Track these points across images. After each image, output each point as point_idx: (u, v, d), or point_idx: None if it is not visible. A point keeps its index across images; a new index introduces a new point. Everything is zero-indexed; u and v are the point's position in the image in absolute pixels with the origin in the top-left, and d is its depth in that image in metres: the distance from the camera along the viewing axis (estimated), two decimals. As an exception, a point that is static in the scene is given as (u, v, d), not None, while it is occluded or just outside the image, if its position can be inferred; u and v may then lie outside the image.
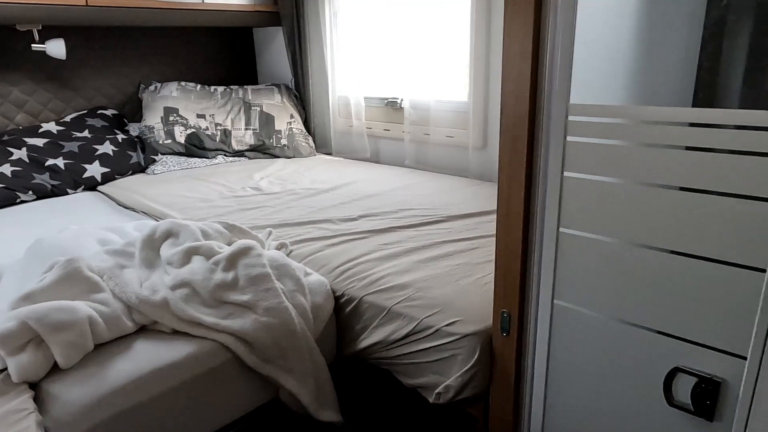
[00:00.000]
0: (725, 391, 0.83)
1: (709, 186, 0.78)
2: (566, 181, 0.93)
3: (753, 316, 0.77)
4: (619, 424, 0.97)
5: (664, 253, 0.85)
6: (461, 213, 1.75)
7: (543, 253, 0.99)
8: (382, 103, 2.62)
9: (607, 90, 1.20)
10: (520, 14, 0.88)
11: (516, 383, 1.09)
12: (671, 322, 0.86)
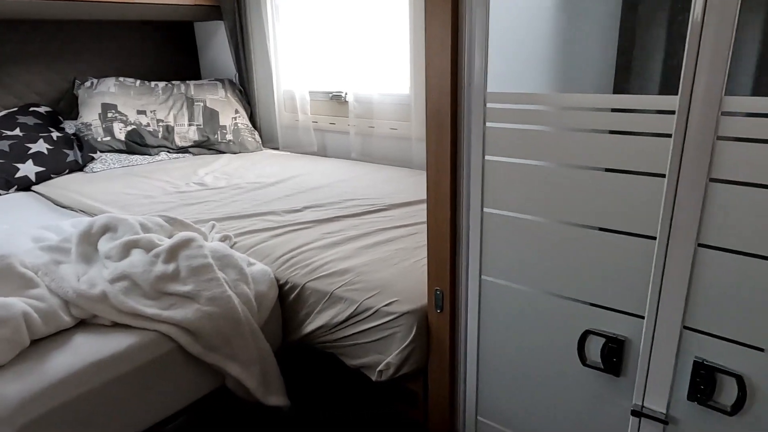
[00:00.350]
0: (629, 349, 0.92)
1: (613, 165, 0.87)
2: (488, 164, 1.00)
3: (648, 280, 0.87)
4: (543, 385, 1.05)
5: (576, 227, 0.93)
6: (402, 201, 1.81)
7: (470, 232, 1.06)
8: (327, 96, 2.65)
9: (530, 79, 1.29)
10: (439, 9, 0.94)
11: (451, 356, 1.16)
12: (583, 290, 0.95)
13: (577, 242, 0.93)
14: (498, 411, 1.14)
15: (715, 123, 0.75)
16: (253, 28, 2.78)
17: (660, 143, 0.81)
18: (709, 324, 0.83)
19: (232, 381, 1.23)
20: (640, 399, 0.93)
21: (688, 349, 0.86)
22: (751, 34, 1.04)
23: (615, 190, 0.87)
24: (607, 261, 0.91)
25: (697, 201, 0.79)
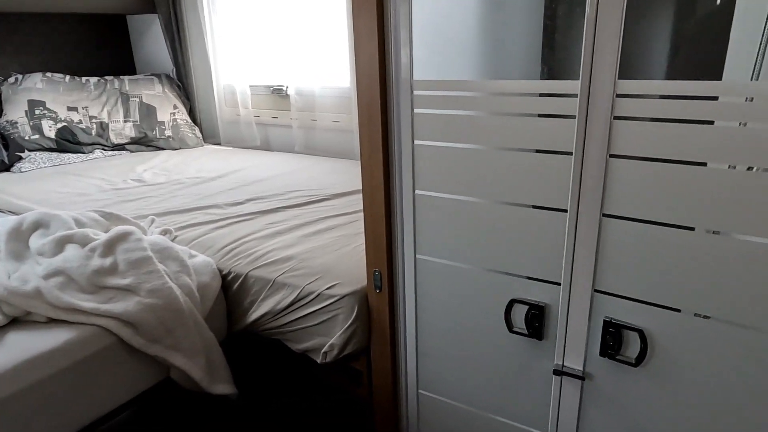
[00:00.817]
0: (549, 314, 1.01)
1: (530, 146, 0.94)
2: (417, 148, 1.06)
3: (562, 250, 0.96)
4: (475, 354, 1.13)
5: (500, 205, 1.01)
6: (344, 191, 1.86)
7: (404, 214, 1.11)
8: (269, 90, 2.65)
9: (458, 67, 1.35)
10: (365, 2, 0.98)
11: (391, 333, 1.22)
12: (508, 263, 1.03)
13: (501, 219, 1.01)
14: (437, 382, 1.21)
15: (611, 104, 0.83)
16: (190, 21, 2.73)
17: (567, 124, 0.89)
18: (615, 286, 0.92)
19: (176, 372, 1.23)
20: (561, 359, 1.02)
21: (599, 309, 0.95)
22: (639, 24, 1.15)
23: (532, 169, 0.95)
24: (527, 235, 0.99)
25: (599, 175, 0.87)
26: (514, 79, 0.94)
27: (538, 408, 1.08)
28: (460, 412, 1.20)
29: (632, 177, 0.85)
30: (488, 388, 1.14)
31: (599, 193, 0.88)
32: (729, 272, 0.81)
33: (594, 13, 0.81)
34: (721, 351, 0.85)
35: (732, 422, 0.87)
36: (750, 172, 0.78)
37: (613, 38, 0.80)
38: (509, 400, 1.12)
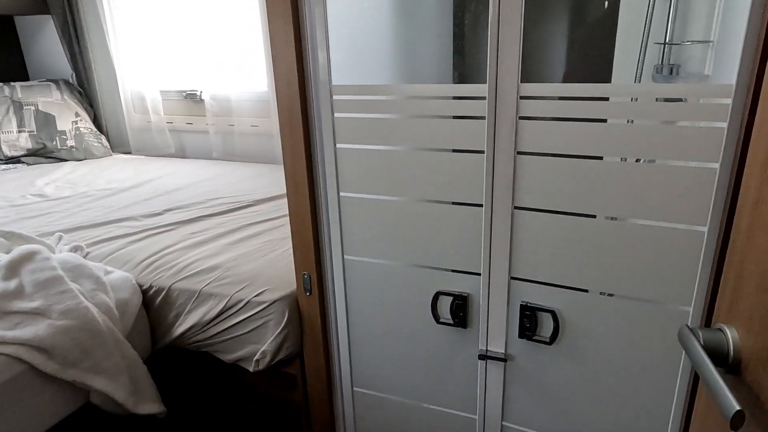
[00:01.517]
0: (471, 303, 1.08)
1: (448, 146, 1.00)
2: (340, 151, 1.08)
3: (480, 242, 1.02)
4: (406, 347, 1.17)
5: (422, 203, 1.05)
6: (269, 196, 1.84)
7: (329, 216, 1.13)
8: (181, 96, 2.55)
9: (376, 72, 1.40)
10: (279, 8, 0.99)
11: (324, 335, 1.24)
12: (432, 257, 1.08)
13: (423, 216, 1.06)
14: (371, 378, 1.24)
15: (515, 106, 0.91)
16: (89, 23, 2.57)
17: (478, 124, 0.95)
18: (528, 272, 1.00)
19: (97, 395, 1.17)
20: (485, 344, 1.09)
21: (516, 295, 1.03)
22: (539, 33, 1.25)
23: (449, 168, 1.01)
24: (448, 230, 1.05)
25: (509, 172, 0.95)
26: (429, 83, 0.99)
27: (467, 392, 1.15)
28: (395, 405, 1.24)
29: (538, 172, 0.93)
30: (420, 378, 1.19)
31: (509, 187, 0.96)
32: (628, 253, 0.91)
33: (496, 22, 0.87)
34: (624, 324, 0.95)
35: (635, 386, 0.98)
36: (638, 163, 0.88)
37: (514, 45, 0.87)
38: (440, 387, 1.17)
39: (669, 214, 0.85)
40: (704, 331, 0.69)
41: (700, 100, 0.79)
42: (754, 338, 0.63)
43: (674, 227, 0.86)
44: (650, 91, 0.83)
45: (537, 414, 1.08)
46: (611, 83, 0.98)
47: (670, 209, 0.85)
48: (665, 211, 0.86)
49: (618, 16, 1.56)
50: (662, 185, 0.85)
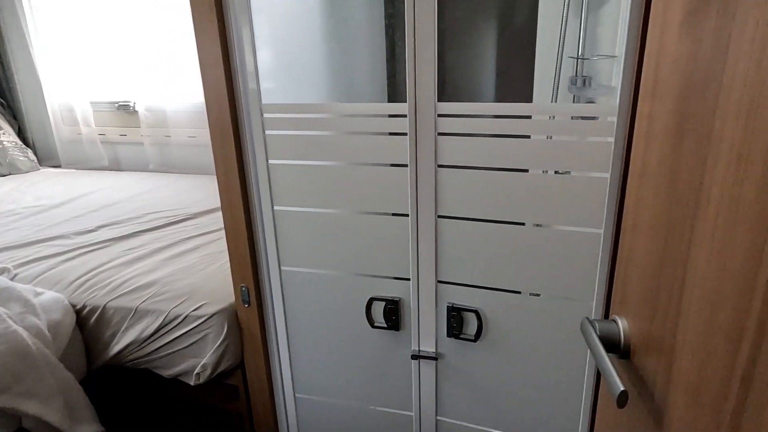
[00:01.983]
0: (403, 307, 1.14)
1: (378, 161, 1.05)
2: (273, 167, 1.12)
3: (408, 249, 1.09)
4: (343, 352, 1.22)
5: (355, 214, 1.11)
6: (207, 209, 1.84)
7: (265, 229, 1.17)
8: (114, 107, 2.48)
9: (310, 91, 1.44)
10: (207, 27, 1.02)
11: (264, 345, 1.26)
12: (365, 265, 1.14)
13: (356, 227, 1.11)
14: (312, 384, 1.28)
15: (434, 123, 0.98)
16: (9, 31, 2.45)
17: (403, 140, 1.02)
18: (452, 275, 1.07)
19: (30, 420, 1.14)
20: (417, 345, 1.15)
21: (443, 297, 1.10)
22: (464, 54, 1.34)
23: (380, 181, 1.06)
24: (380, 239, 1.11)
25: (431, 183, 1.02)
26: (365, 102, 1.04)
27: (403, 391, 1.21)
28: (336, 408, 1.28)
29: (458, 183, 1.01)
30: (359, 381, 1.24)
31: (432, 198, 1.03)
32: (552, 256, 0.99)
33: (412, 45, 0.94)
34: (539, 319, 1.04)
35: (551, 375, 1.07)
36: (558, 175, 0.97)
37: (430, 66, 0.94)
38: (378, 388, 1.23)
39: (576, 219, 0.95)
40: (600, 323, 0.78)
41: (607, 118, 0.89)
42: (639, 326, 0.72)
43: (581, 230, 0.95)
44: (563, 110, 0.92)
45: (467, 407, 1.16)
46: (532, 102, 1.06)
47: (578, 215, 0.94)
48: (573, 217, 0.95)
49: (535, 41, 1.68)
50: (572, 194, 0.94)
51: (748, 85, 0.47)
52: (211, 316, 1.23)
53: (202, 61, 1.05)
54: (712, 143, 0.53)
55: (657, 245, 0.66)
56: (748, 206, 0.46)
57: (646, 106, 0.72)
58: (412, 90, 0.97)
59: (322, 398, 1.29)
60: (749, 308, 0.46)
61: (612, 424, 0.83)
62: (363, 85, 1.80)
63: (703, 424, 0.54)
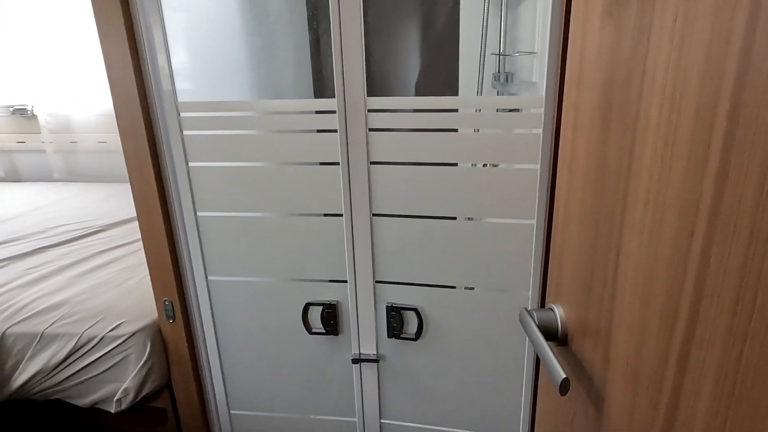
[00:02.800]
0: (341, 310, 1.10)
1: (308, 159, 1.01)
2: (193, 170, 1.04)
3: (344, 250, 1.05)
4: (280, 362, 1.16)
5: (285, 216, 1.05)
6: (123, 219, 1.70)
7: (188, 238, 1.08)
8: (8, 111, 2.24)
9: (231, 88, 1.36)
10: (111, 26, 0.92)
11: (193, 362, 1.18)
12: (299, 269, 1.09)
13: (289, 229, 1.06)
14: (248, 399, 1.21)
15: (364, 119, 0.95)
16: None
17: (333, 137, 0.98)
18: (390, 274, 1.05)
19: None
20: (357, 348, 1.12)
21: (382, 297, 1.07)
22: (390, 49, 1.32)
23: (311, 180, 1.02)
24: (314, 241, 1.06)
25: (364, 181, 0.99)
26: (290, 98, 0.99)
27: (345, 397, 1.17)
28: (275, 422, 1.22)
29: (392, 180, 0.99)
30: (298, 391, 1.19)
31: (366, 196, 1.00)
32: (478, 249, 0.99)
33: (338, 40, 0.90)
34: (479, 313, 1.04)
35: (492, 367, 1.08)
36: (487, 168, 0.97)
37: (358, 61, 0.91)
38: (318, 396, 1.18)
39: (510, 211, 0.95)
40: (538, 312, 0.79)
41: (531, 110, 0.90)
42: (576, 313, 0.73)
43: (513, 222, 0.96)
44: (490, 103, 0.92)
45: (411, 407, 1.14)
46: (459, 96, 1.06)
47: (510, 207, 0.95)
48: (507, 209, 0.95)
49: (459, 35, 1.70)
50: (503, 186, 0.94)
51: (670, 71, 0.48)
52: (131, 336, 1.12)
53: (108, 63, 0.95)
54: (638, 130, 0.54)
55: (589, 233, 0.67)
56: (676, 190, 0.47)
57: (571, 96, 0.74)
58: (341, 85, 0.93)
59: (260, 413, 1.22)
60: (681, 291, 0.47)
61: (553, 411, 0.84)
62: (288, 81, 1.73)
63: (641, 406, 0.55)
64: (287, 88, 1.70)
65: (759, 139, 0.37)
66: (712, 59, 0.42)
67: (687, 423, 0.46)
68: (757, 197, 0.37)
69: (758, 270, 0.37)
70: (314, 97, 1.22)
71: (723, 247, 0.41)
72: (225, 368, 1.19)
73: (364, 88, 0.93)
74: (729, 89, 0.40)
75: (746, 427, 0.39)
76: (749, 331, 0.38)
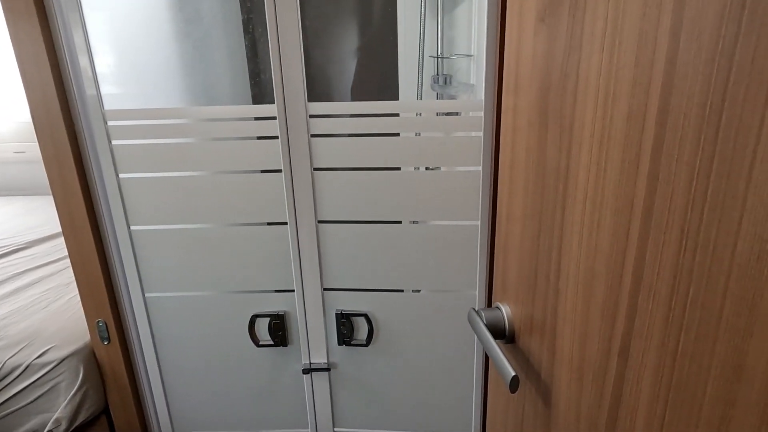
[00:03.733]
0: (289, 320, 1.08)
1: (246, 167, 0.97)
2: (124, 182, 0.98)
3: (290, 259, 1.03)
4: (227, 378, 1.12)
5: (229, 226, 1.01)
6: (46, 235, 1.58)
7: (122, 253, 1.02)
8: None
9: (166, 94, 1.30)
10: (24, 28, 0.85)
11: (133, 385, 1.11)
12: (244, 281, 1.05)
13: (231, 240, 1.02)
14: (194, 420, 1.16)
15: (306, 124, 0.93)
16: None
17: (274, 144, 0.95)
18: (338, 281, 1.04)
19: None
20: (307, 358, 1.10)
21: (331, 305, 1.06)
22: (330, 54, 1.30)
23: (253, 189, 0.99)
24: (258, 251, 1.03)
25: (308, 188, 0.97)
26: (221, 105, 0.95)
27: (296, 408, 1.15)
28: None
29: (337, 185, 0.97)
30: (247, 407, 1.15)
31: (311, 203, 0.98)
32: (431, 252, 1.00)
33: (276, 44, 0.88)
34: (429, 315, 1.05)
35: (443, 368, 1.09)
36: (429, 171, 0.98)
37: (297, 66, 0.89)
38: (269, 411, 1.15)
39: (454, 213, 0.97)
40: (486, 311, 0.80)
41: (470, 113, 0.91)
42: (522, 311, 0.75)
43: (459, 224, 0.97)
44: (429, 106, 0.92)
45: (364, 413, 1.13)
46: (399, 100, 1.06)
47: (454, 209, 0.96)
48: (451, 211, 0.97)
49: (397, 40, 1.71)
50: (447, 189, 0.95)
51: (603, 77, 0.50)
52: (62, 362, 1.04)
53: (22, 65, 0.88)
54: (574, 132, 0.56)
55: (532, 232, 0.69)
56: (612, 190, 0.49)
57: (510, 100, 0.75)
58: (280, 91, 0.91)
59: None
60: (620, 286, 0.49)
61: (503, 408, 0.85)
62: (224, 86, 1.68)
63: (587, 398, 0.57)
64: (223, 94, 1.65)
65: (686, 141, 0.39)
66: (641, 64, 0.44)
67: (630, 411, 0.48)
68: (687, 195, 0.39)
69: (690, 264, 0.39)
70: (253, 103, 1.19)
71: (657, 243, 0.43)
72: (168, 389, 1.13)
73: (304, 93, 0.91)
74: (657, 93, 0.42)
75: (685, 411, 0.41)
76: (684, 322, 0.40)
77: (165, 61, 1.29)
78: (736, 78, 0.34)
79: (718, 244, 0.36)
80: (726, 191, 0.35)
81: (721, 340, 0.37)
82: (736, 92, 0.34)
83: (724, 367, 0.36)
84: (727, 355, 0.36)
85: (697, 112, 0.38)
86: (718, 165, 0.36)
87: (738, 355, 0.35)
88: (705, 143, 0.37)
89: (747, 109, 0.33)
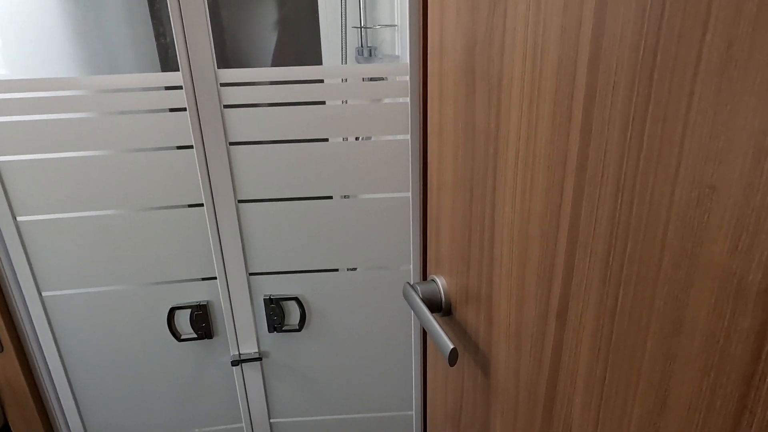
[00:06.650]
0: (213, 310, 1.00)
1: (152, 144, 0.87)
2: (5, 166, 0.85)
3: (209, 244, 0.94)
4: (150, 379, 1.03)
5: (136, 212, 0.91)
6: None
7: (8, 248, 0.89)
8: None
9: (55, 63, 1.15)
10: None
11: (36, 398, 0.99)
12: (157, 271, 0.96)
13: (139, 226, 0.92)
14: (112, 427, 1.06)
15: (217, 94, 0.84)
16: None
17: (182, 117, 0.86)
18: (265, 265, 0.97)
19: None
20: (236, 349, 1.02)
21: (258, 290, 0.99)
22: (244, 17, 1.20)
23: (162, 168, 0.89)
24: (172, 237, 0.94)
25: (225, 165, 0.89)
26: (122, 74, 0.84)
27: (228, 403, 1.07)
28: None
29: (258, 161, 0.90)
30: (173, 407, 1.06)
31: (229, 181, 0.90)
32: (363, 227, 0.95)
33: (177, 3, 0.78)
34: (364, 294, 1.00)
35: (381, 348, 1.05)
36: (358, 141, 0.92)
37: (203, 29, 0.80)
38: (199, 409, 1.07)
39: (385, 186, 0.92)
40: (421, 285, 0.77)
41: (396, 78, 0.86)
42: (457, 282, 0.73)
43: (391, 196, 0.93)
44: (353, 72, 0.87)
45: (301, 401, 1.09)
46: (323, 65, 0.99)
47: (385, 181, 0.92)
48: (382, 184, 0.92)
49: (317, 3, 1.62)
50: (376, 160, 0.91)
51: (531, 25, 0.46)
52: (-56, 377, 0.90)
53: None
54: (503, 89, 0.53)
55: (463, 200, 0.66)
56: (544, 147, 0.47)
57: (435, 63, 0.72)
58: (184, 56, 0.82)
59: (129, 437, 1.07)
60: (556, 247, 0.47)
61: (443, 382, 0.84)
62: (127, 53, 1.52)
63: (526, 364, 0.55)
64: (127, 62, 1.49)
65: (619, 87, 0.36)
66: (569, 8, 0.41)
67: (570, 375, 0.47)
68: (622, 145, 0.37)
69: (627, 219, 0.37)
70: (161, 71, 1.07)
71: (592, 199, 0.41)
72: (79, 398, 1.02)
73: (212, 59, 0.83)
74: (587, 38, 0.39)
75: (624, 372, 0.39)
76: (622, 279, 0.38)
77: (52, 25, 1.14)
78: (671, 13, 0.31)
79: (655, 193, 0.34)
80: (662, 136, 0.33)
81: (660, 294, 0.35)
82: (671, 28, 0.31)
83: (664, 322, 0.35)
84: (666, 309, 0.34)
85: (630, 54, 0.35)
86: (653, 109, 0.33)
87: (678, 307, 0.33)
88: (640, 86, 0.34)
89: (683, 45, 0.31)
